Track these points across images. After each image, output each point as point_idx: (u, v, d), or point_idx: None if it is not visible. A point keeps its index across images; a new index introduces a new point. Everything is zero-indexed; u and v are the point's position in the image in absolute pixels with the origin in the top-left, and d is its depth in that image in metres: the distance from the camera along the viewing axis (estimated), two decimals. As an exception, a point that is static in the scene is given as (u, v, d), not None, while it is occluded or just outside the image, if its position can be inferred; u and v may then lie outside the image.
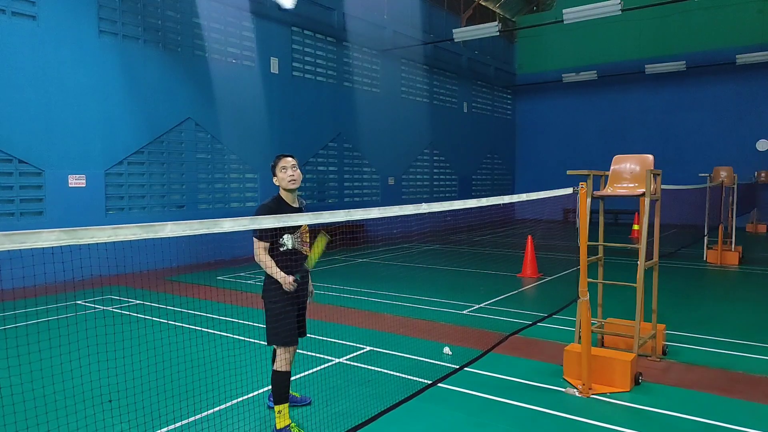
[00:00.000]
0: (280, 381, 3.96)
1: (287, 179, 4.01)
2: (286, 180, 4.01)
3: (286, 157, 4.08)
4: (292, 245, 4.01)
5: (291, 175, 4.01)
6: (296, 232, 4.04)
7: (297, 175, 4.04)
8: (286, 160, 4.05)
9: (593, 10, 14.92)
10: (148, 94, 12.13)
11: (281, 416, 3.95)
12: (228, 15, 13.96)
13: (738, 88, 22.00)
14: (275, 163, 4.07)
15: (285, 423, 3.95)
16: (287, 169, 4.01)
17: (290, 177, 4.01)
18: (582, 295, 4.95)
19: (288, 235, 3.99)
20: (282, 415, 3.95)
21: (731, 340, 6.49)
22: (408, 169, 20.64)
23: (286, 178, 4.01)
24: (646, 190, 5.39)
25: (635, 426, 4.19)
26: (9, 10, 10.03)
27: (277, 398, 3.97)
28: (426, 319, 7.51)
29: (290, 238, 4.00)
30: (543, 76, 26.41)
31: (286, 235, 3.97)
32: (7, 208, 10.14)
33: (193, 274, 11.08)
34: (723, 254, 12.38)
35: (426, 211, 3.78)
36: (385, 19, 19.29)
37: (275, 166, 4.06)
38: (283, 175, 4.01)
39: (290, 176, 4.01)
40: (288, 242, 4.00)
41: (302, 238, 4.09)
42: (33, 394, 4.30)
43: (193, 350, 5.87)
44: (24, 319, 7.51)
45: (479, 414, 4.44)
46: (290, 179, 4.01)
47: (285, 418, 3.95)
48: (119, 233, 2.18)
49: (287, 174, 4.00)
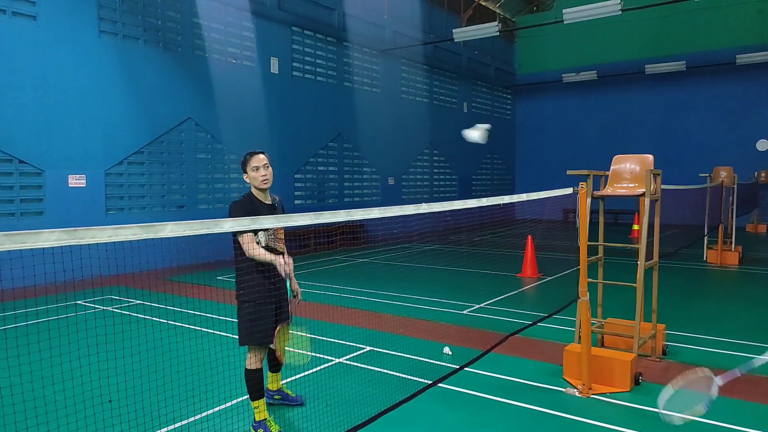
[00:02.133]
0: (253, 378, 3.98)
1: (260, 179, 3.86)
2: (258, 179, 3.87)
3: (258, 155, 3.90)
4: (265, 242, 3.89)
5: (263, 175, 3.87)
6: (270, 230, 3.91)
7: (269, 174, 3.91)
8: (257, 158, 3.88)
9: (593, 10, 14.91)
10: (148, 94, 12.13)
11: (258, 411, 4.00)
12: (228, 15, 13.97)
13: (738, 88, 22.00)
14: (245, 160, 3.91)
15: (262, 416, 4.00)
16: (259, 168, 3.86)
17: (263, 177, 3.87)
18: (582, 295, 4.95)
19: (262, 232, 3.87)
20: (259, 410, 4.00)
21: (731, 340, 6.48)
22: (408, 169, 20.64)
23: (259, 177, 3.86)
24: (646, 190, 5.39)
25: (635, 426, 4.19)
26: (9, 10, 10.03)
27: (252, 395, 4.00)
28: (426, 319, 7.51)
29: (264, 235, 3.88)
30: (543, 76, 26.41)
31: (261, 232, 3.86)
32: (7, 208, 10.14)
33: (193, 274, 11.08)
34: (723, 254, 12.37)
35: (426, 211, 3.77)
36: (385, 19, 19.30)
37: (245, 164, 3.90)
38: (255, 174, 3.86)
39: (263, 176, 3.87)
40: (262, 239, 3.88)
41: (276, 235, 3.98)
42: (33, 395, 4.30)
43: (193, 350, 5.87)
44: (24, 319, 7.51)
45: (479, 414, 4.44)
46: (263, 179, 3.87)
47: (262, 413, 4.00)
48: (119, 233, 2.18)
49: (259, 174, 3.86)
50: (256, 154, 3.90)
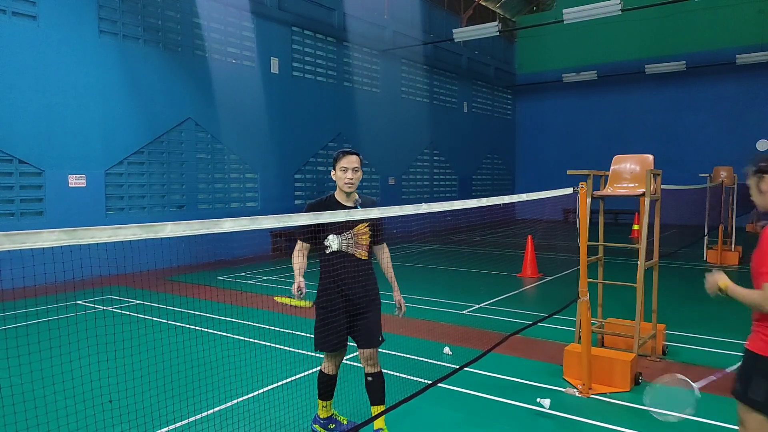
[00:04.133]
0: (320, 381, 4.00)
1: (344, 180, 3.69)
2: (342, 181, 3.70)
3: (350, 156, 3.72)
4: (338, 247, 3.70)
5: (350, 178, 3.68)
6: (346, 233, 3.70)
7: (356, 178, 3.71)
8: (349, 159, 3.70)
9: (593, 10, 14.91)
10: (148, 94, 12.13)
11: (323, 409, 4.06)
12: (228, 15, 13.97)
13: (738, 88, 21.99)
14: (337, 157, 3.74)
15: (326, 414, 4.06)
16: (347, 170, 3.68)
17: (348, 179, 3.68)
18: (582, 295, 4.94)
19: (333, 235, 3.68)
20: (324, 409, 4.06)
21: (731, 340, 6.48)
22: (408, 169, 20.64)
23: (344, 179, 3.69)
24: (646, 190, 5.39)
25: (635, 426, 4.19)
26: (9, 10, 10.03)
27: (319, 395, 4.04)
28: (426, 319, 7.52)
29: (336, 239, 3.68)
30: (543, 76, 26.40)
31: (331, 235, 3.67)
32: (7, 208, 10.14)
33: (193, 274, 11.08)
34: (723, 254, 12.38)
35: (426, 211, 3.75)
36: (385, 19, 19.30)
37: (336, 162, 3.74)
38: (342, 175, 3.69)
39: (348, 179, 3.68)
40: (333, 244, 3.69)
41: (356, 240, 3.74)
42: (33, 395, 4.30)
43: (193, 350, 5.87)
44: (24, 319, 7.51)
45: (479, 414, 4.44)
46: (347, 182, 3.69)
47: (325, 411, 4.06)
48: (119, 233, 2.18)
49: (346, 175, 3.68)
50: (350, 154, 3.74)
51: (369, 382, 3.87)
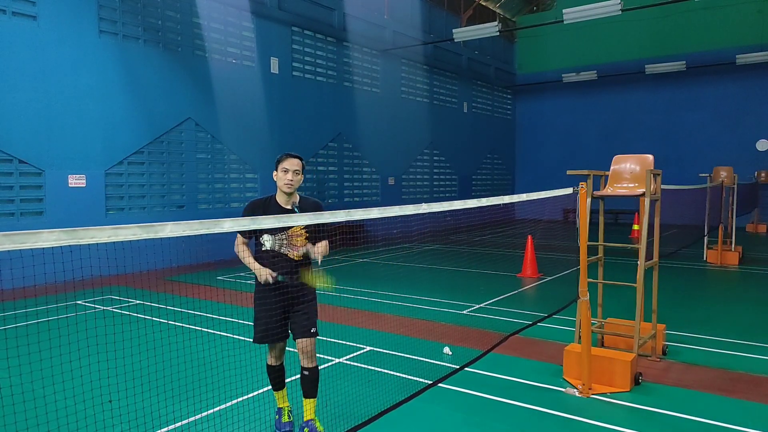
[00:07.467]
0: (269, 373, 4.14)
1: (284, 181, 3.84)
2: (282, 182, 3.85)
3: (292, 159, 3.88)
4: (271, 246, 3.84)
5: (290, 179, 3.84)
6: (279, 234, 3.84)
7: (296, 181, 3.86)
8: (290, 162, 3.86)
9: (593, 10, 14.92)
10: (148, 94, 12.13)
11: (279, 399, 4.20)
12: (228, 15, 13.97)
13: (738, 88, 21.99)
14: (280, 159, 3.90)
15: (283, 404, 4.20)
16: (288, 172, 3.84)
17: (288, 180, 3.84)
18: (582, 295, 4.95)
19: (268, 235, 3.81)
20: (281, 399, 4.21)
21: (731, 340, 6.48)
22: (408, 169, 20.64)
23: (284, 179, 3.84)
24: (646, 190, 5.39)
25: (635, 426, 4.19)
26: (9, 10, 10.03)
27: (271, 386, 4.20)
28: (426, 319, 7.51)
29: (270, 238, 3.82)
30: (543, 76, 26.40)
31: (266, 235, 3.81)
32: (7, 208, 10.14)
33: (193, 274, 11.08)
34: (723, 254, 12.37)
35: (426, 211, 3.76)
36: (385, 19, 19.29)
37: (278, 163, 3.90)
38: (283, 176, 3.85)
39: (288, 180, 3.84)
40: (267, 243, 3.83)
41: (290, 241, 3.87)
42: (33, 395, 4.30)
43: (193, 350, 5.87)
44: (24, 319, 7.51)
45: (479, 414, 4.44)
46: (287, 182, 3.84)
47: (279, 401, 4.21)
48: (119, 233, 2.18)
49: (287, 176, 3.84)
50: (292, 157, 3.88)
51: (304, 376, 3.96)
